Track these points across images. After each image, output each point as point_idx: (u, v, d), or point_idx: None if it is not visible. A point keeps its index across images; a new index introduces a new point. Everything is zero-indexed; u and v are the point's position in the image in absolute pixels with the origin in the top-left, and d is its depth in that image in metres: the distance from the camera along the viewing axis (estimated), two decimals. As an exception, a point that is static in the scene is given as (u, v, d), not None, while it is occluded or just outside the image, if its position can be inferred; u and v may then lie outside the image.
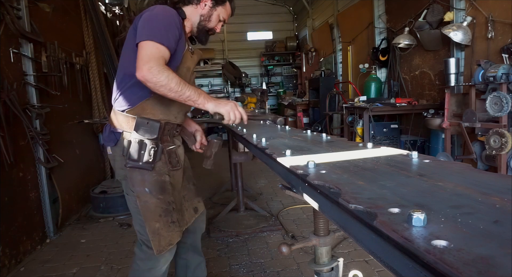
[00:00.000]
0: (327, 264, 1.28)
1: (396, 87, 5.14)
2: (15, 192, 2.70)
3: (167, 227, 1.50)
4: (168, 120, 1.55)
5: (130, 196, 1.53)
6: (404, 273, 0.47)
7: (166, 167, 1.53)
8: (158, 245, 1.48)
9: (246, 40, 10.41)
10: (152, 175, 1.48)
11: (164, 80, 1.31)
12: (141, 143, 1.46)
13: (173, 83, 1.33)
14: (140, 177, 1.47)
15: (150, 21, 1.41)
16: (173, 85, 1.33)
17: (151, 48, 1.34)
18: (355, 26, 6.39)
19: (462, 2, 3.81)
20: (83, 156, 3.98)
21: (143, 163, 1.46)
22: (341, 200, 0.63)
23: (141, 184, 1.47)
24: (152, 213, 1.48)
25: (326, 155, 1.11)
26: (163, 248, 1.49)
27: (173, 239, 1.52)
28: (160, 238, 1.48)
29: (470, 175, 0.77)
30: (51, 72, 3.30)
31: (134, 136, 1.47)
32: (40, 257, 2.78)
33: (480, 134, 3.20)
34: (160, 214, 1.49)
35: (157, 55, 1.34)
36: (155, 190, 1.48)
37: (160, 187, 1.50)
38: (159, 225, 1.48)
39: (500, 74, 2.88)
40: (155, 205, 1.48)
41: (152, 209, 1.48)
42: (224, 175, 5.05)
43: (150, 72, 1.30)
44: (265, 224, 3.17)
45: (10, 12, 2.69)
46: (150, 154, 1.46)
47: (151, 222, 1.47)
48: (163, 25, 1.40)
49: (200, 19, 1.61)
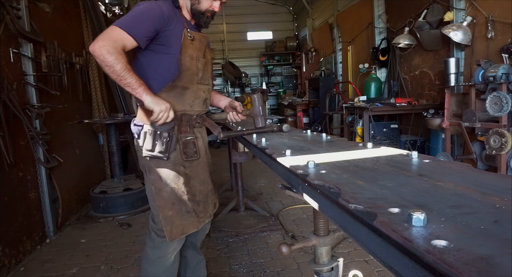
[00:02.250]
0: (327, 264, 1.28)
1: (396, 87, 5.14)
2: (15, 192, 2.70)
3: (180, 216, 1.57)
4: (184, 110, 1.61)
5: (148, 184, 1.60)
6: (404, 273, 0.47)
7: (181, 157, 1.59)
8: (170, 232, 1.54)
9: (246, 40, 10.42)
10: (167, 164, 1.56)
11: (110, 61, 1.37)
12: (154, 134, 1.54)
13: (118, 67, 1.39)
14: (156, 166, 1.56)
15: (129, 13, 1.50)
16: (117, 69, 1.39)
17: (115, 31, 1.41)
18: (355, 26, 6.39)
19: (462, 2, 3.81)
20: (83, 156, 3.97)
21: (157, 152, 1.54)
22: (341, 200, 0.63)
23: (156, 172, 1.56)
24: (166, 201, 1.55)
25: (326, 155, 1.11)
26: (174, 235, 1.55)
27: (186, 228, 1.58)
28: (172, 225, 1.55)
29: (470, 175, 0.77)
30: (51, 72, 3.30)
31: (148, 127, 1.56)
32: (40, 257, 2.78)
33: (480, 134, 3.20)
34: (173, 202, 1.56)
35: (116, 38, 1.40)
36: (169, 179, 1.56)
37: (174, 176, 1.56)
38: (171, 213, 1.55)
39: (500, 74, 2.88)
40: (169, 194, 1.55)
41: (166, 197, 1.55)
42: (224, 175, 5.06)
43: (100, 49, 1.36)
44: (265, 224, 3.17)
45: (10, 12, 2.69)
46: (163, 144, 1.54)
47: (164, 209, 1.55)
48: (138, 17, 1.47)
49: (191, 3, 1.62)
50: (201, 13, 1.63)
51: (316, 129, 6.66)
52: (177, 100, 1.58)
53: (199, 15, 1.64)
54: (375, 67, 5.72)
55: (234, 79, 9.73)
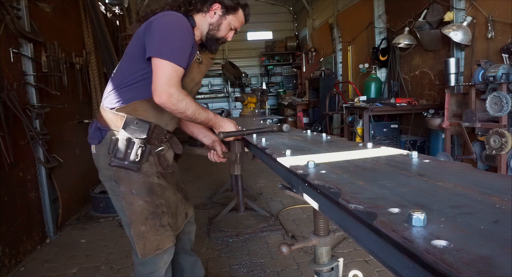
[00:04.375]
0: (327, 264, 1.28)
1: (396, 87, 5.14)
2: (15, 192, 2.70)
3: (155, 231, 1.43)
4: (158, 124, 1.51)
5: (118, 196, 1.46)
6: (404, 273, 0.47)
7: (154, 168, 1.48)
8: (143, 248, 1.42)
9: (246, 40, 10.42)
10: (139, 176, 1.42)
11: (183, 109, 1.35)
12: (128, 141, 1.40)
13: (190, 111, 1.38)
14: (127, 178, 1.41)
15: (165, 32, 1.36)
16: (189, 113, 1.38)
17: (171, 70, 1.32)
18: (355, 26, 6.39)
19: (462, 2, 3.81)
20: (83, 156, 3.97)
21: (129, 162, 1.40)
22: (341, 200, 0.63)
23: (127, 185, 1.42)
24: (138, 216, 1.41)
25: (326, 155, 1.10)
26: (148, 252, 1.42)
27: (161, 243, 1.45)
28: (145, 241, 1.42)
29: (470, 175, 0.77)
30: (51, 72, 3.30)
31: (122, 133, 1.41)
32: (40, 257, 2.78)
33: (480, 134, 3.20)
34: (146, 217, 1.42)
35: (176, 80, 1.34)
36: (142, 192, 1.42)
37: (148, 188, 1.44)
38: (145, 228, 1.42)
39: (500, 74, 2.88)
40: (142, 208, 1.42)
41: (138, 211, 1.41)
42: (224, 175, 5.05)
43: (170, 100, 1.31)
44: (265, 224, 3.17)
45: (10, 12, 2.69)
46: (137, 153, 1.40)
47: (136, 224, 1.41)
48: (180, 41, 1.36)
49: (209, 28, 1.55)
50: (216, 39, 1.59)
51: (316, 129, 6.67)
52: (156, 114, 1.48)
53: (213, 41, 1.58)
54: (375, 67, 5.72)
55: (234, 79, 9.73)
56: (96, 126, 1.49)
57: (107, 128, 1.45)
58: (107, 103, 1.47)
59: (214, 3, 1.53)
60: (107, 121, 1.46)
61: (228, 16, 1.56)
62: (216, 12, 1.54)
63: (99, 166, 1.53)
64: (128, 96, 1.44)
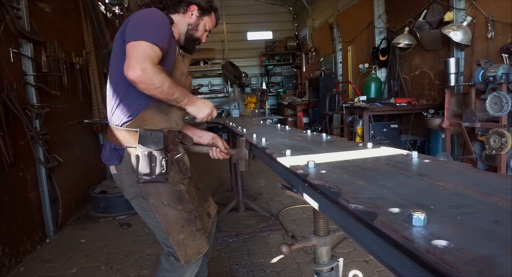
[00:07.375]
0: (327, 264, 1.28)
1: (396, 87, 5.14)
2: (15, 192, 2.70)
3: (193, 236, 1.47)
4: (170, 127, 1.51)
5: (149, 212, 1.46)
6: (404, 273, 0.47)
7: (178, 176, 1.49)
8: (185, 255, 1.45)
9: (246, 40, 10.41)
10: (167, 186, 1.44)
11: (158, 83, 1.27)
12: (150, 156, 1.40)
13: (166, 85, 1.30)
14: (155, 191, 1.42)
15: (141, 22, 1.35)
16: (166, 88, 1.30)
17: (145, 47, 1.28)
18: (355, 26, 6.39)
19: (462, 2, 3.81)
20: (83, 156, 3.98)
21: (156, 176, 1.40)
22: (341, 200, 0.63)
23: (157, 197, 1.43)
24: (174, 225, 1.44)
25: (326, 155, 1.11)
26: (190, 258, 1.46)
27: (201, 247, 1.48)
28: (186, 248, 1.45)
29: (470, 175, 0.77)
30: (51, 72, 3.30)
31: (141, 149, 1.40)
32: (40, 257, 2.78)
33: (480, 134, 3.20)
34: (182, 224, 1.45)
35: (151, 55, 1.27)
36: (173, 202, 1.44)
37: (177, 197, 1.46)
38: (183, 236, 1.45)
39: (500, 74, 2.88)
40: (176, 217, 1.44)
41: (174, 221, 1.44)
42: (224, 175, 5.05)
43: (146, 73, 1.24)
44: (265, 224, 3.17)
45: (10, 12, 2.69)
46: (162, 165, 1.41)
47: (174, 233, 1.44)
48: (156, 25, 1.36)
49: (188, 28, 1.59)
50: (194, 39, 1.62)
51: (316, 129, 6.67)
52: (164, 117, 1.47)
53: (192, 40, 1.61)
54: (375, 67, 5.72)
55: (234, 79, 9.72)
56: (111, 146, 1.48)
57: (123, 147, 1.45)
58: (116, 120, 1.45)
59: (191, 4, 1.57)
60: (120, 139, 1.45)
61: (204, 17, 1.62)
62: (193, 13, 1.59)
63: (123, 185, 1.51)
64: (132, 109, 1.43)
